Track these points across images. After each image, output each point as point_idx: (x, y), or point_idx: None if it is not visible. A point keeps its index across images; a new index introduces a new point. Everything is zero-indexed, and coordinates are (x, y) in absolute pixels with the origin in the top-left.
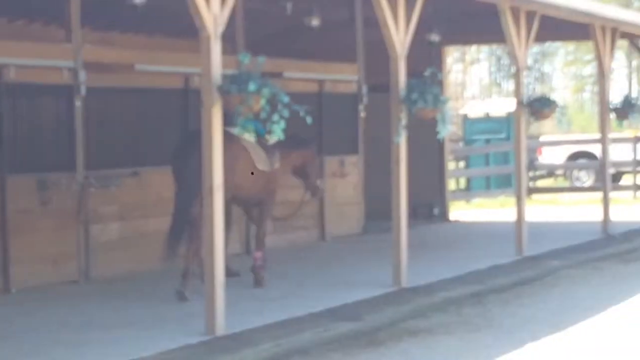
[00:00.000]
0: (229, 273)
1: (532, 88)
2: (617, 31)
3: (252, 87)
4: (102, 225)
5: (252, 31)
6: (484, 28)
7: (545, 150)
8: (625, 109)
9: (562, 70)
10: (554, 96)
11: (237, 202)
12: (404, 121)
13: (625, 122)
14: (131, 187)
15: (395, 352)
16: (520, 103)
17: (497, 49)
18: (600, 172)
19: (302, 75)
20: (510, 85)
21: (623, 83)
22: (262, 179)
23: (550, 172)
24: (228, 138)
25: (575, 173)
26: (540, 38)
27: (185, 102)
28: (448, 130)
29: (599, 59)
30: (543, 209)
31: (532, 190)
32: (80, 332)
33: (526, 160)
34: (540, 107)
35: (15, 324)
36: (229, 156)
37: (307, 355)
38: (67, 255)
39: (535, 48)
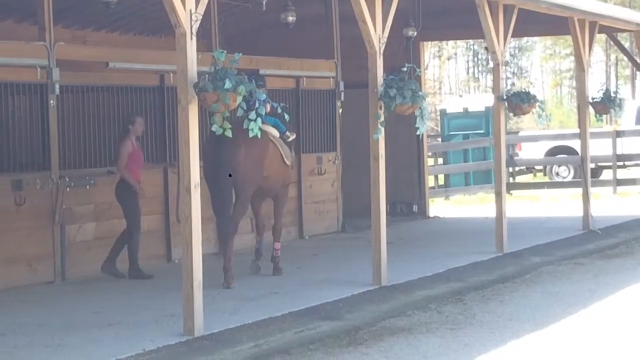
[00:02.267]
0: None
1: (511, 83)
2: (595, 25)
3: (228, 84)
4: (78, 225)
5: (227, 28)
6: (461, 23)
7: (525, 145)
8: (605, 103)
9: (540, 64)
10: (532, 91)
11: (256, 195)
12: (382, 117)
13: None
14: (106, 186)
15: (376, 351)
16: (499, 98)
17: (474, 43)
18: (580, 167)
19: (278, 72)
20: (488, 80)
21: (601, 77)
22: (284, 173)
23: (530, 168)
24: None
25: (555, 168)
26: (519, 33)
27: (162, 99)
28: (426, 126)
29: (578, 53)
30: (523, 205)
31: (511, 186)
32: (58, 334)
33: (505, 156)
34: (519, 102)
35: None
36: (259, 149)
37: (288, 355)
38: (43, 255)
39: (513, 42)
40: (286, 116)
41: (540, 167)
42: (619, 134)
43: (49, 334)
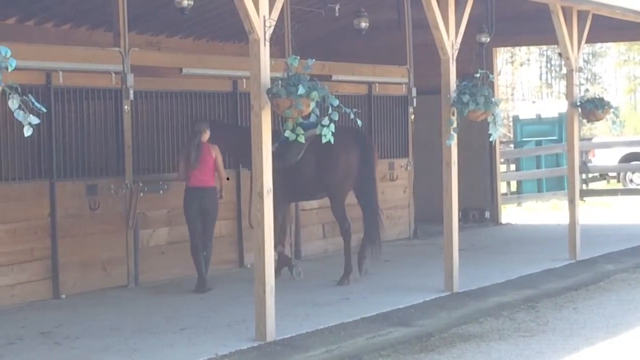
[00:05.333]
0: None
1: (585, 89)
2: None
3: (301, 90)
4: (151, 229)
5: (300, 34)
6: (534, 29)
7: (598, 152)
8: None
9: (614, 70)
10: (606, 97)
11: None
12: (455, 123)
13: None
14: (179, 192)
15: (447, 358)
16: (572, 104)
17: (547, 49)
18: None
19: (351, 77)
20: (561, 86)
21: None
22: None
23: (603, 174)
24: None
25: (629, 175)
26: (592, 39)
27: (234, 105)
28: (499, 133)
29: None
30: (596, 212)
31: (584, 193)
32: (131, 338)
33: (579, 163)
34: (593, 108)
35: (66, 329)
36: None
37: None
38: (116, 260)
39: (587, 48)
40: (359, 122)
41: (614, 174)
42: None
43: (123, 338)
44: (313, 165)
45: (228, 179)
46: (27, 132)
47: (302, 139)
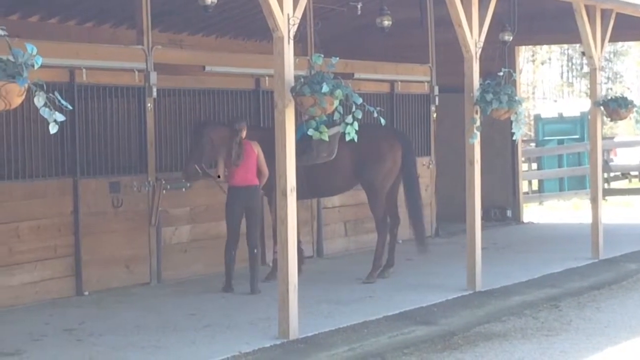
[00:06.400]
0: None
1: (608, 88)
2: None
3: (325, 88)
4: (174, 227)
5: (322, 31)
6: (557, 28)
7: (620, 151)
8: None
9: (636, 69)
10: (629, 96)
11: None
12: (478, 122)
13: None
14: (202, 189)
15: (470, 357)
16: (595, 103)
17: (569, 48)
18: None
19: (373, 76)
20: (582, 85)
21: None
22: None
23: (625, 173)
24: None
25: None
26: (615, 38)
27: (257, 103)
28: (522, 131)
29: None
30: (617, 211)
31: (606, 192)
32: (154, 335)
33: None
34: (616, 107)
35: (89, 326)
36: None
37: None
38: (139, 257)
39: (608, 47)
40: (382, 120)
41: (636, 173)
42: None
43: (145, 335)
44: (350, 160)
45: (219, 177)
46: (53, 129)
47: (325, 137)
